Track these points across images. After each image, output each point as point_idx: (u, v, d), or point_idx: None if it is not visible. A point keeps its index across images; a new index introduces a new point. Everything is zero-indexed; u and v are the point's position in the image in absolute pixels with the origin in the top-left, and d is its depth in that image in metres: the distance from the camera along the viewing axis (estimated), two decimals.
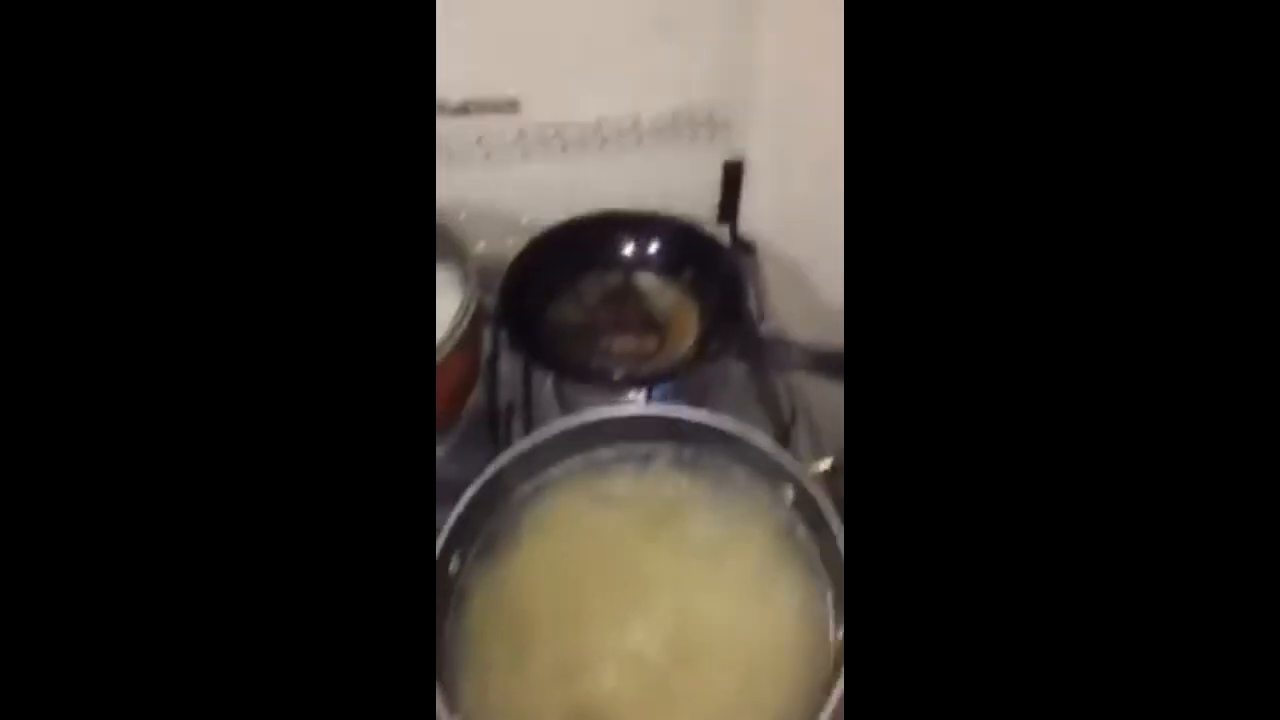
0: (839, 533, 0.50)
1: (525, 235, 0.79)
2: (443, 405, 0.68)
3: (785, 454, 0.54)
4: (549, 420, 0.71)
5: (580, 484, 0.58)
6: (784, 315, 0.83)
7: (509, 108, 0.74)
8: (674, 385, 0.71)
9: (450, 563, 0.52)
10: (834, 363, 0.67)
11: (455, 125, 0.74)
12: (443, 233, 0.67)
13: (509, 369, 0.74)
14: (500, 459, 0.55)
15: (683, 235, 0.78)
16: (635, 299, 0.77)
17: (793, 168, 0.81)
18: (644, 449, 0.59)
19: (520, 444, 0.56)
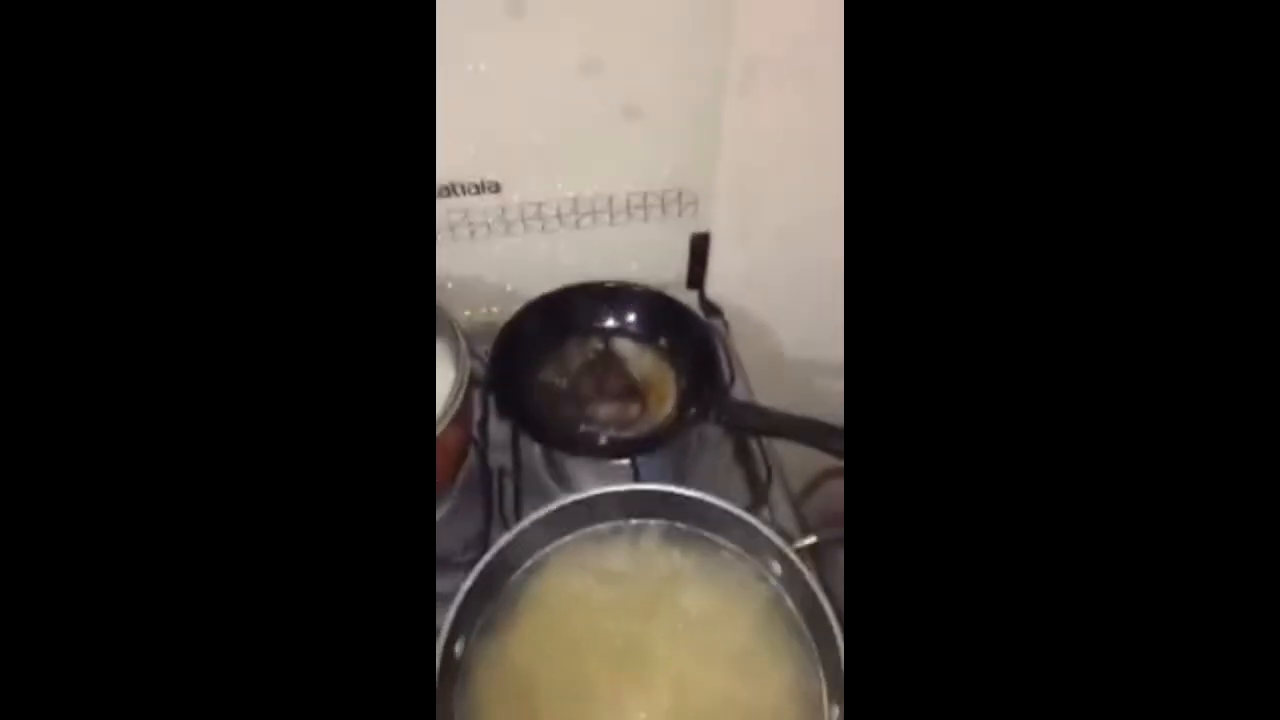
0: (826, 605, 0.52)
1: (508, 303, 0.84)
2: (441, 478, 0.71)
3: (770, 529, 0.57)
4: (539, 479, 0.76)
5: (576, 559, 0.60)
6: (748, 368, 0.89)
7: (492, 189, 0.79)
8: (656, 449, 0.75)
9: (455, 646, 0.53)
10: (798, 427, 0.71)
11: (442, 205, 0.78)
12: (437, 310, 0.68)
13: (499, 431, 0.78)
14: (498, 542, 0.57)
15: (657, 303, 0.84)
16: (615, 364, 0.82)
17: (753, 237, 0.88)
18: (636, 522, 0.61)
19: (517, 526, 0.58)
